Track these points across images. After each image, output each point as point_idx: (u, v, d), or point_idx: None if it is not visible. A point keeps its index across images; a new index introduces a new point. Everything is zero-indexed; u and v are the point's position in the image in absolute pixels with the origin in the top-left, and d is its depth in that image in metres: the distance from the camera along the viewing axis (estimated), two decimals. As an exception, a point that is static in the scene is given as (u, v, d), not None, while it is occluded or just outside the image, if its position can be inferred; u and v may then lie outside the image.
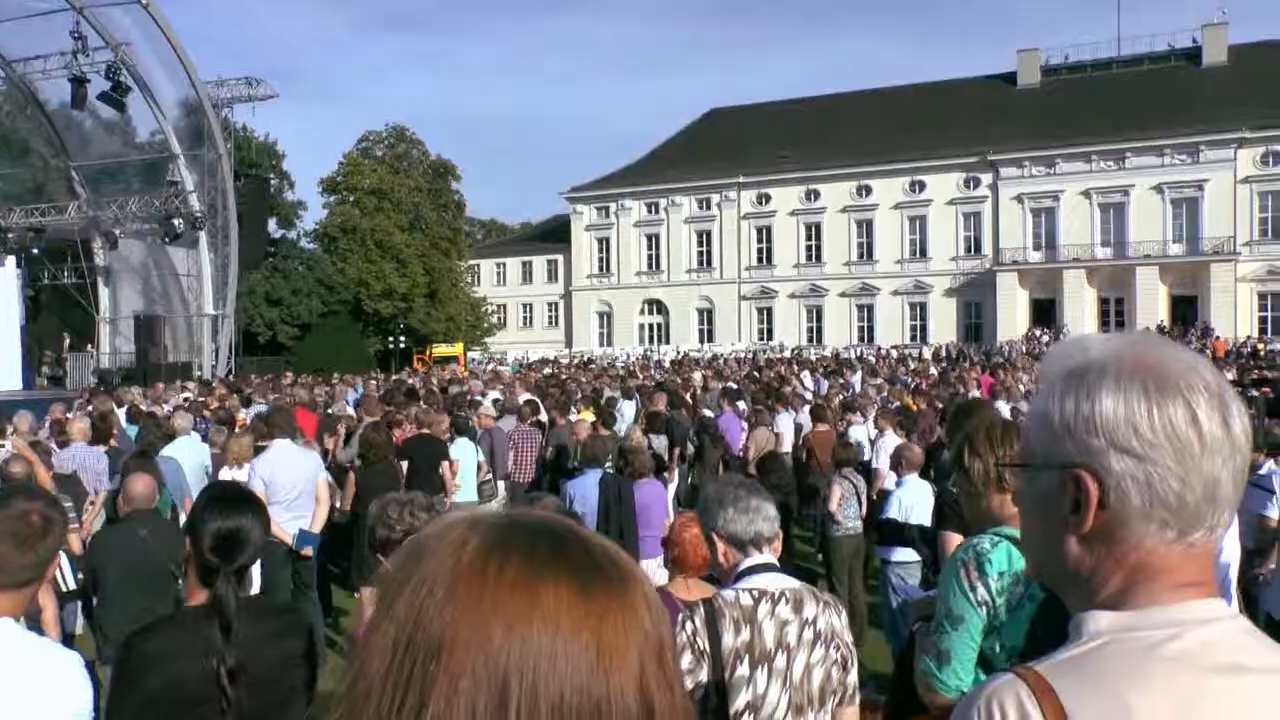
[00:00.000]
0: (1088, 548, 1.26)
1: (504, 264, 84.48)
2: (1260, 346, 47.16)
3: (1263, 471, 7.18)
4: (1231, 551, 5.74)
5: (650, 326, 76.24)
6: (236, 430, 12.00)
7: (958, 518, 4.74)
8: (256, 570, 7.35)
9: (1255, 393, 8.87)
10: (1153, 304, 60.19)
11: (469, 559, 0.89)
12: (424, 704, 0.84)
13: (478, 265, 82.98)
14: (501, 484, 13.59)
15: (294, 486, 9.03)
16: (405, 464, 11.03)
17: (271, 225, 65.62)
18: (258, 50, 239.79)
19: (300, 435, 10.94)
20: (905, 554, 8.15)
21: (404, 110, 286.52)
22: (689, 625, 3.25)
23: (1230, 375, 21.36)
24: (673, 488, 13.10)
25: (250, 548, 3.03)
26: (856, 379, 27.74)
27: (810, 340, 67.92)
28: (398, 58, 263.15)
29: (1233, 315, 58.33)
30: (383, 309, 66.61)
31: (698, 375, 29.62)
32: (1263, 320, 59.53)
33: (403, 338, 64.16)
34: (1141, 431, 1.22)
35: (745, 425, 15.55)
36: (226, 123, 42.54)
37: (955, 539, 4.79)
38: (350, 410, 17.00)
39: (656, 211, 75.31)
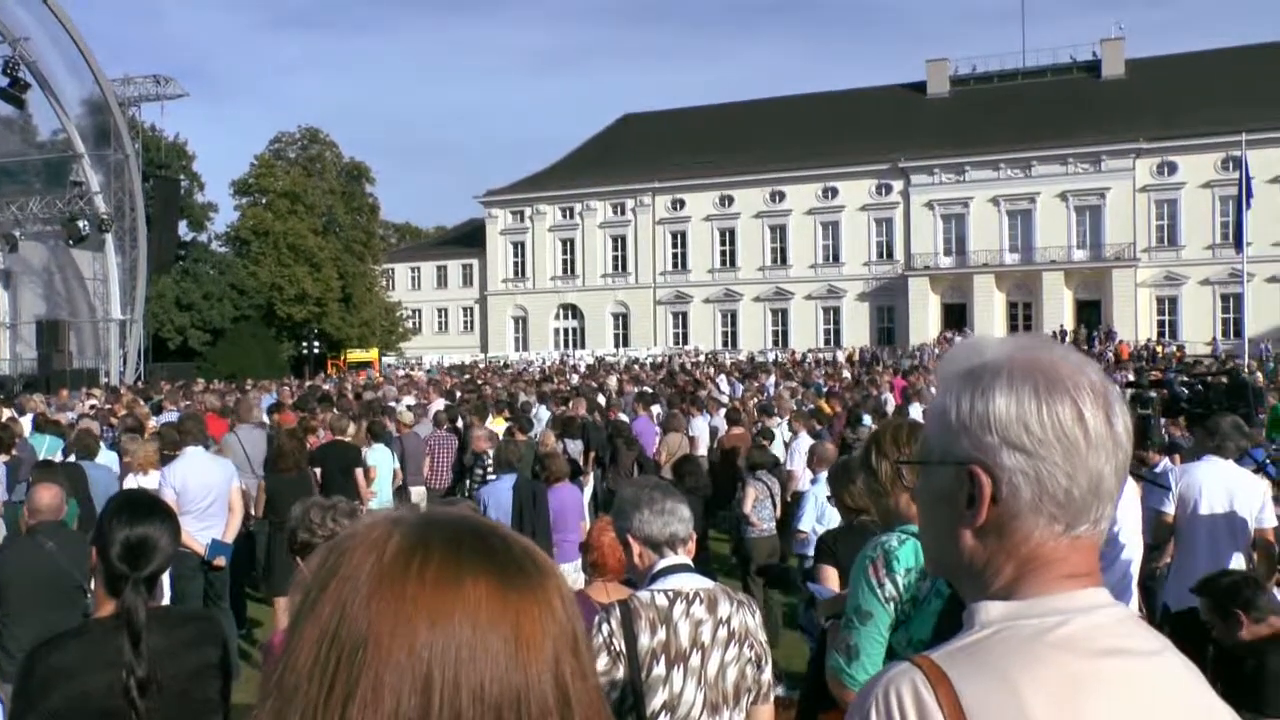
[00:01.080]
0: (981, 541, 1.31)
1: (419, 268, 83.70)
2: (1159, 349, 48.57)
3: (1159, 469, 7.39)
4: (1134, 547, 5.92)
5: (566, 331, 76.16)
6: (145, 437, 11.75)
7: (832, 555, 4.87)
8: (168, 582, 7.22)
9: (1153, 393, 9.09)
10: (1059, 308, 61.72)
11: (391, 556, 0.91)
12: (350, 696, 0.86)
13: (392, 269, 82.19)
14: (418, 490, 13.50)
15: (206, 495, 8.86)
16: (319, 471, 10.89)
17: (182, 228, 64.30)
18: (166, 48, 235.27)
19: (213, 443, 10.76)
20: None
21: (317, 110, 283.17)
22: (605, 627, 3.27)
23: (1130, 376, 21.94)
24: (588, 491, 13.13)
25: (159, 555, 2.96)
26: (771, 382, 28.01)
27: (725, 344, 68.37)
28: (309, 57, 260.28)
29: (1133, 319, 60.05)
30: (296, 313, 65.66)
31: (613, 380, 29.68)
32: (1160, 324, 61.45)
33: (317, 343, 63.30)
34: (1032, 429, 1.27)
35: (659, 429, 15.65)
36: (134, 122, 41.70)
37: (832, 573, 4.91)
38: (264, 416, 16.75)
39: (571, 216, 75.28)
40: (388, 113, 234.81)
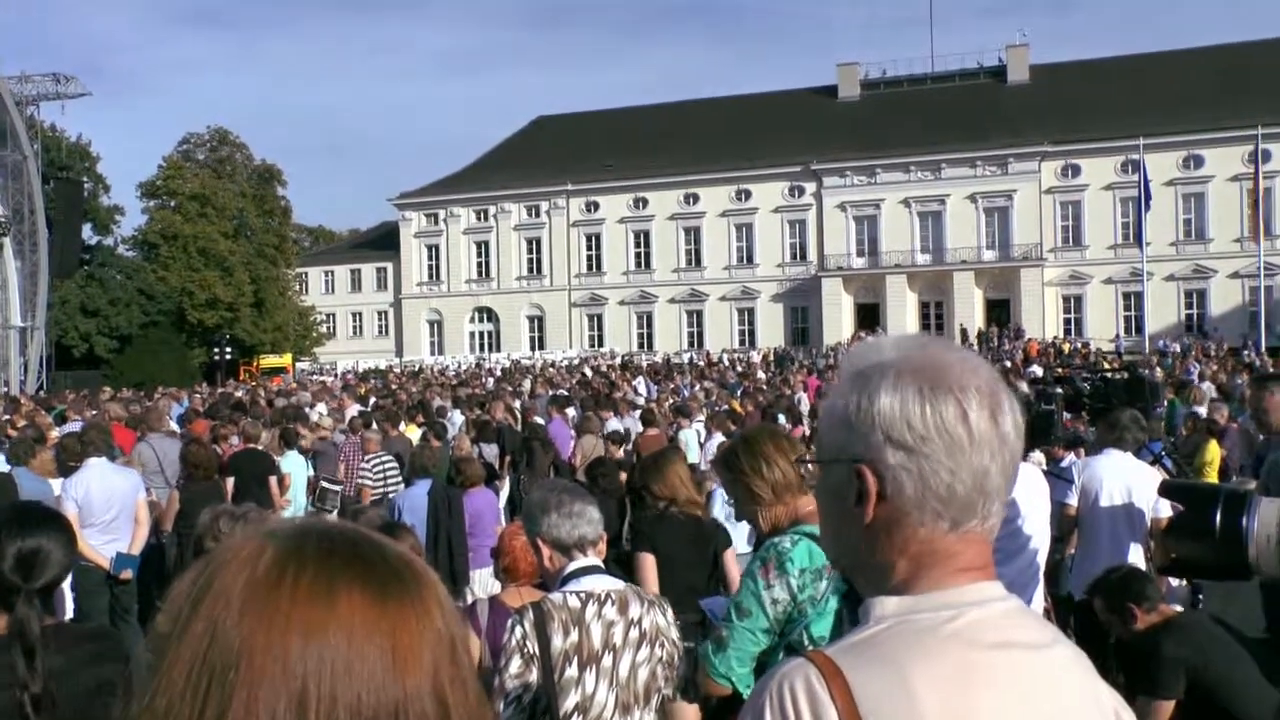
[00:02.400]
0: (873, 538, 1.34)
1: (332, 272, 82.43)
2: (1065, 346, 49.76)
3: (1064, 464, 7.59)
4: (1040, 538, 6.06)
5: (481, 334, 75.69)
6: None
7: (650, 542, 4.87)
8: (70, 598, 7.04)
9: (1058, 389, 9.33)
10: (969, 307, 62.92)
11: (264, 570, 0.90)
12: (224, 713, 0.85)
13: (305, 273, 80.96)
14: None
15: (110, 507, 8.63)
16: (232, 480, 10.72)
17: (86, 231, 62.84)
18: (66, 45, 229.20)
19: (119, 453, 10.53)
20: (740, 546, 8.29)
21: (227, 111, 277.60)
22: (518, 630, 3.28)
23: (1037, 372, 22.46)
24: (504, 496, 13.08)
25: (53, 567, 2.88)
26: (686, 383, 28.16)
27: (641, 346, 68.47)
28: (218, 56, 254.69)
29: (1041, 317, 61.49)
30: (207, 319, 64.49)
31: (527, 383, 29.63)
32: (1066, 322, 63.01)
33: (229, 349, 62.20)
34: (914, 427, 1.30)
35: (574, 432, 15.65)
36: (32, 122, 40.63)
37: (649, 560, 4.93)
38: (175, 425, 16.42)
39: (486, 219, 74.87)
40: (299, 114, 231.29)
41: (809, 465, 1.83)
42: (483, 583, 8.61)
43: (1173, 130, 58.48)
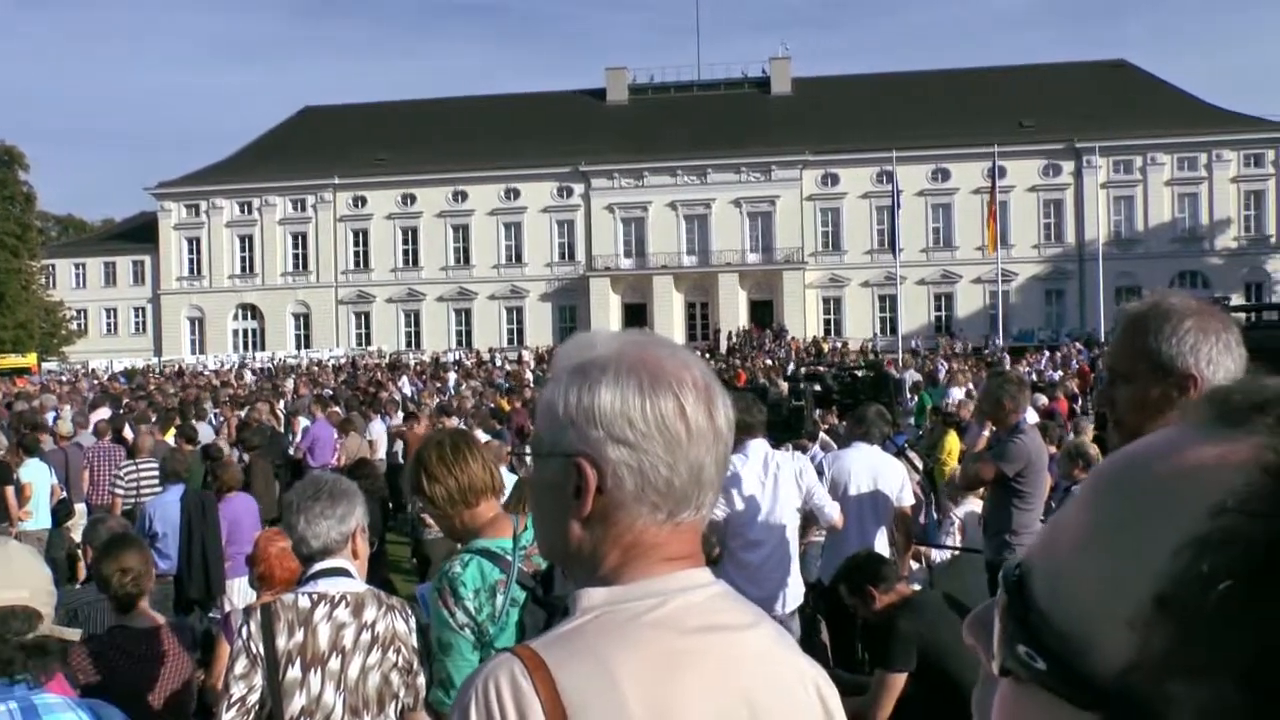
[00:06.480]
0: (588, 530, 1.36)
1: (84, 264, 77.15)
2: (824, 346, 51.90)
3: (814, 458, 7.95)
4: (791, 527, 6.34)
5: (245, 332, 72.86)
6: None
7: None
8: None
9: (816, 386, 9.79)
10: (734, 308, 64.68)
11: None
12: None
13: (53, 266, 75.72)
14: (80, 506, 12.63)
15: None
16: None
17: None
18: None
19: None
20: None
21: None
22: (245, 629, 3.23)
23: (790, 368, 23.38)
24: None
25: None
26: (453, 381, 27.98)
27: (409, 344, 67.43)
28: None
29: (802, 318, 63.89)
30: (-62, 316, 59.93)
31: (290, 382, 28.81)
32: (827, 322, 65.70)
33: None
34: (635, 423, 1.32)
35: (338, 432, 15.35)
36: None
37: None
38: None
39: (250, 212, 72.01)
40: (46, 95, 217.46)
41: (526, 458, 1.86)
42: (242, 592, 8.32)
43: (923, 145, 61.79)
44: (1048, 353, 38.30)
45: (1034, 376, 26.12)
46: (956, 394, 17.82)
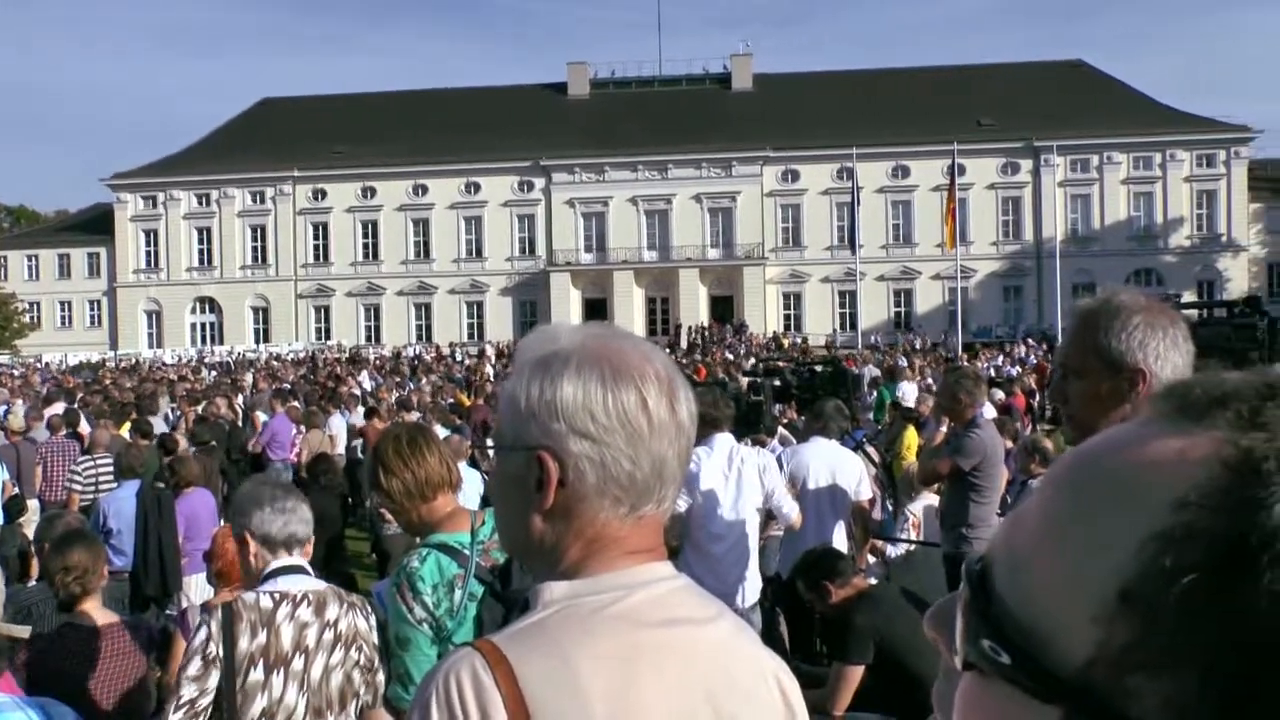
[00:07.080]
0: (550, 523, 1.35)
1: (37, 256, 75.76)
2: (784, 341, 52.09)
3: (775, 451, 7.99)
4: (751, 521, 6.37)
5: (203, 326, 72.12)
6: None
7: None
8: None
9: (776, 381, 9.85)
10: (694, 303, 64.83)
11: None
12: None
13: (5, 257, 74.66)
14: (33, 503, 12.44)
15: None
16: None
17: None
18: None
19: None
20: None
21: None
22: (204, 630, 3.18)
23: (750, 363, 23.47)
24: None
25: None
26: (412, 378, 27.85)
27: (369, 339, 66.99)
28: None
29: (763, 313, 64.23)
30: (-115, 309, 58.84)
31: (249, 376, 28.57)
32: (787, 318, 66.09)
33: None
34: (597, 416, 1.32)
35: (300, 426, 15.26)
36: None
37: None
38: None
39: (208, 204, 71.27)
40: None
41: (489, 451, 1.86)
42: (199, 588, 8.24)
43: (883, 142, 62.15)
44: (1005, 348, 38.63)
45: (992, 372, 26.41)
46: (908, 389, 17.86)
